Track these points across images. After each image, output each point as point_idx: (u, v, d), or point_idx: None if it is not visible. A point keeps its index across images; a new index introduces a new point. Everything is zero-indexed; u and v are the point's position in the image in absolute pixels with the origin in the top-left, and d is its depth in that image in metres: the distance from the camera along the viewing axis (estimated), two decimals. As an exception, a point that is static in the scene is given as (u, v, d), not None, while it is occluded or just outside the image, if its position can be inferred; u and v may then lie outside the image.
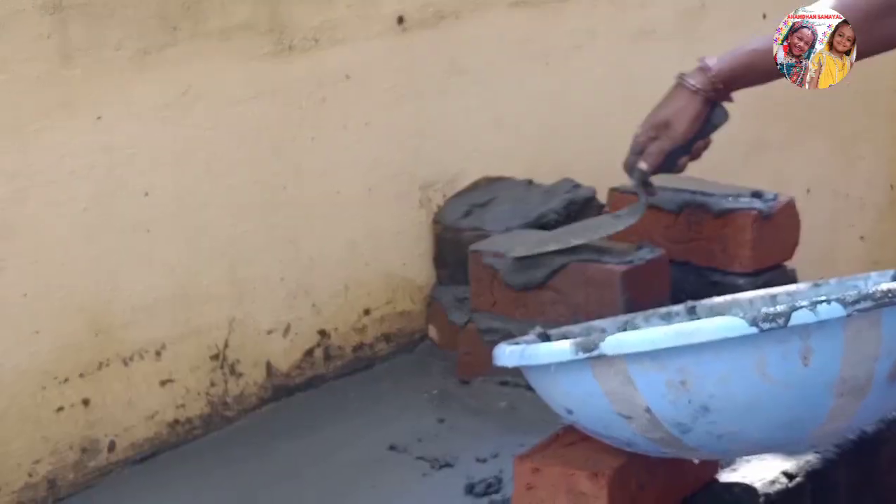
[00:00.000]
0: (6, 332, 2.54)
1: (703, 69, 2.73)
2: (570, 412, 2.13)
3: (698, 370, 1.96)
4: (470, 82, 3.28)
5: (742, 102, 3.94)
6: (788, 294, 2.45)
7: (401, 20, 3.13)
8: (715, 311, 2.44)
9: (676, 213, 3.06)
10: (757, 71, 2.71)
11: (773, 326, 1.92)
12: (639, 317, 2.47)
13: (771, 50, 2.52)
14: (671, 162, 2.81)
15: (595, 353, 2.00)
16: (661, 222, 3.07)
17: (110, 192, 2.66)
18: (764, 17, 3.85)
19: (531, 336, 2.33)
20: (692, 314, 2.45)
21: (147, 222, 2.72)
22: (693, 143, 2.78)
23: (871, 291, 1.94)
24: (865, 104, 4.47)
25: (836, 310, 1.93)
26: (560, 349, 2.05)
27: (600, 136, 3.60)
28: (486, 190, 3.26)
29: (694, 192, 3.06)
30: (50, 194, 2.57)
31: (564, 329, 2.41)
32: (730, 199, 3.02)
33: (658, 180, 3.14)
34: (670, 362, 1.97)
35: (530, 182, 3.27)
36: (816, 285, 2.43)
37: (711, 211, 3.02)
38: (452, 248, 3.16)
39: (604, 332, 2.40)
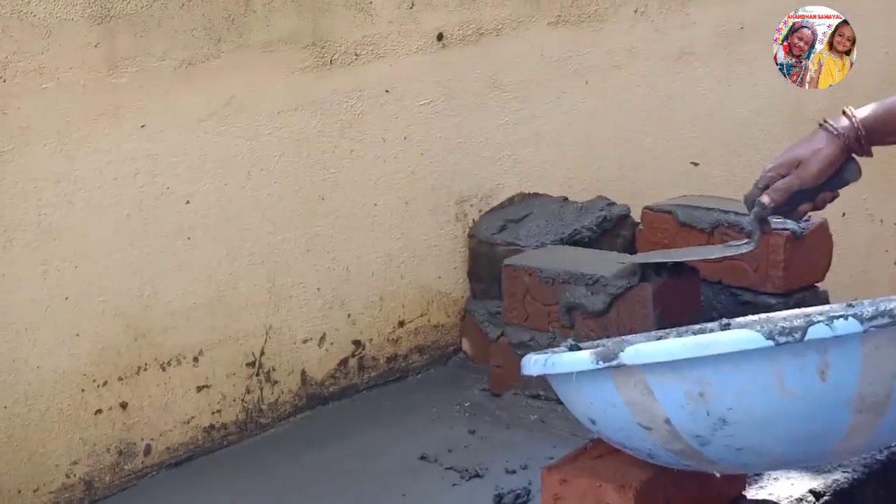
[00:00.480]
0: (48, 334, 2.59)
1: (849, 115, 2.56)
2: (593, 422, 2.15)
3: (717, 382, 1.97)
4: (508, 99, 3.31)
5: (779, 126, 3.97)
6: (821, 314, 2.45)
7: (441, 37, 3.17)
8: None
9: (709, 232, 3.08)
10: None
11: (790, 340, 1.92)
12: (672, 334, 2.47)
13: None
14: (794, 204, 2.63)
15: (615, 362, 2.01)
16: (694, 241, 3.09)
17: (153, 199, 2.70)
18: (802, 40, 3.87)
19: (562, 348, 2.34)
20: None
21: (188, 229, 2.76)
22: (820, 191, 2.62)
23: (889, 308, 1.94)
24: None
25: (852, 325, 1.92)
26: (581, 358, 2.06)
27: (636, 155, 3.63)
28: (522, 206, 3.29)
29: (726, 212, 3.08)
30: (94, 199, 2.62)
31: (598, 343, 2.42)
32: None
33: (688, 200, 3.17)
34: (689, 373, 1.97)
35: (565, 199, 3.30)
36: (850, 306, 2.42)
37: (744, 230, 3.03)
38: (487, 263, 3.19)
39: None
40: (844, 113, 2.56)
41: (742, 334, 1.95)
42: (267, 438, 2.90)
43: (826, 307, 2.55)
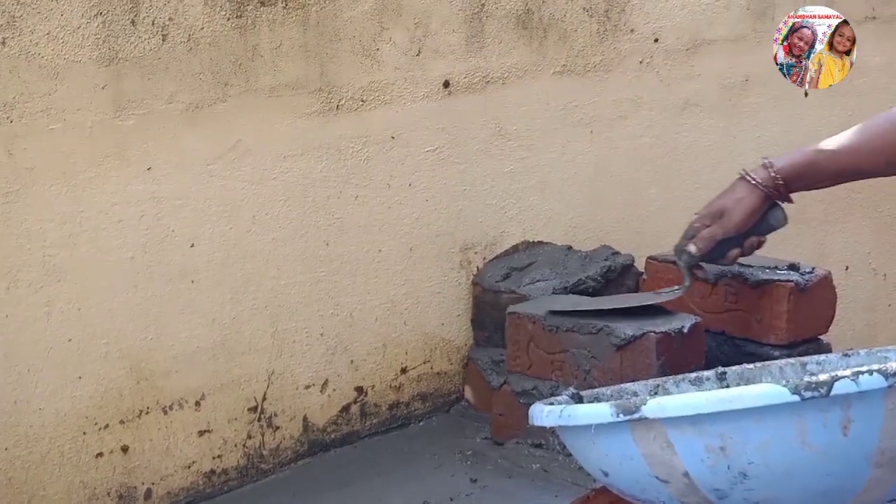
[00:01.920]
0: (50, 375, 2.58)
1: (766, 166, 2.74)
2: (605, 474, 2.14)
3: (738, 436, 1.97)
4: (513, 147, 3.32)
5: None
6: (818, 363, 2.46)
7: (447, 84, 3.18)
8: (745, 378, 2.46)
9: (713, 283, 3.08)
10: (820, 171, 2.72)
11: (815, 395, 1.92)
12: (669, 381, 2.48)
13: (839, 152, 2.52)
14: (721, 252, 2.82)
15: (636, 416, 2.00)
16: (698, 291, 3.08)
17: (157, 242, 2.70)
18: (806, 94, 3.88)
19: (563, 397, 2.34)
20: (722, 380, 2.46)
21: (192, 272, 2.76)
22: (746, 238, 2.80)
23: None
24: (906, 184, 4.49)
25: (877, 381, 1.93)
26: (600, 411, 2.06)
27: (641, 205, 3.63)
28: (526, 254, 3.29)
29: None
30: (98, 241, 2.62)
31: (597, 391, 2.42)
32: (766, 270, 3.03)
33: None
34: (711, 427, 1.97)
35: (569, 248, 3.29)
36: (846, 355, 2.43)
37: (748, 282, 3.03)
38: (490, 310, 3.18)
39: (635, 394, 2.41)
40: (763, 163, 2.71)
41: (767, 389, 1.95)
42: (268, 484, 2.89)
43: (822, 356, 2.55)
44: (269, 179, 2.87)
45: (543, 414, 2.17)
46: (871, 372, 1.93)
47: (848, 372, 1.94)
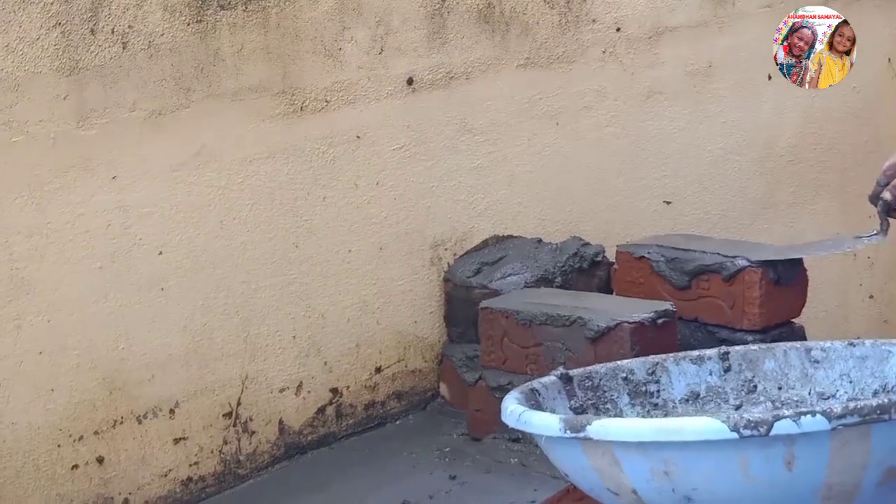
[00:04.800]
0: (22, 389, 2.56)
1: None
2: (567, 475, 2.14)
3: (682, 464, 1.95)
4: (480, 142, 3.32)
5: (751, 162, 3.98)
6: (823, 350, 2.42)
7: (411, 81, 3.17)
8: (748, 359, 2.43)
9: (685, 287, 3.09)
10: None
11: (754, 434, 1.89)
12: (669, 359, 2.44)
13: None
14: None
15: (581, 434, 1.99)
16: (668, 288, 3.09)
17: (125, 251, 2.69)
18: (770, 77, 3.89)
19: (552, 378, 2.32)
20: (724, 360, 2.44)
21: (161, 280, 2.74)
22: None
23: (859, 406, 1.89)
24: (873, 165, 4.50)
25: (819, 423, 1.88)
26: (550, 423, 2.04)
27: (609, 194, 3.63)
28: (496, 248, 3.28)
29: (704, 263, 3.07)
30: (66, 252, 2.60)
31: (590, 369, 2.39)
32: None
33: (662, 240, 3.18)
34: (655, 453, 1.95)
35: (539, 240, 3.29)
36: (851, 345, 2.40)
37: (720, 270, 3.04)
38: (463, 306, 3.18)
39: (632, 372, 2.39)
40: None
41: (707, 424, 1.92)
42: (245, 489, 2.88)
43: (827, 343, 2.46)
44: (236, 184, 2.86)
45: (507, 411, 2.16)
46: (813, 413, 1.89)
47: (790, 412, 1.89)
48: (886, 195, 2.74)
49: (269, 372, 2.93)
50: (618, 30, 3.61)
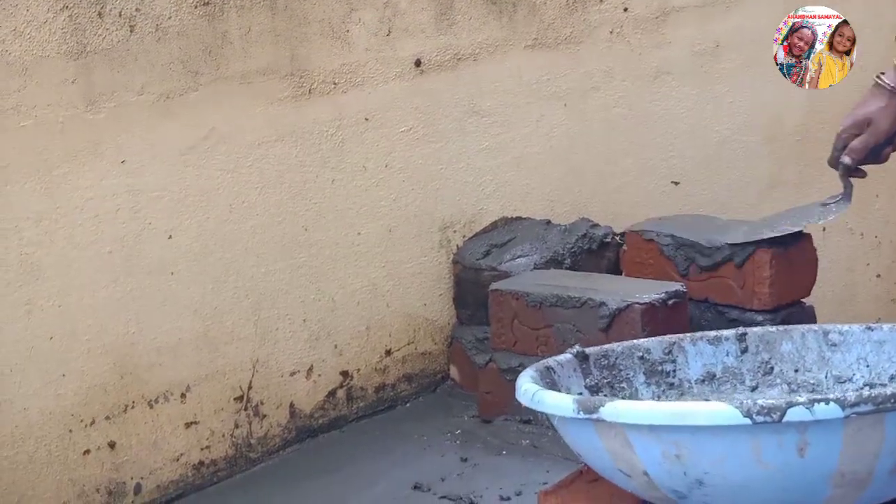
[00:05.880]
0: (34, 374, 2.56)
1: None
2: (580, 455, 2.14)
3: (694, 448, 1.94)
4: (488, 123, 3.31)
5: (758, 142, 3.97)
6: (840, 333, 2.41)
7: (419, 63, 3.16)
8: (766, 341, 2.42)
9: (684, 272, 3.09)
10: None
11: (767, 420, 1.88)
12: (686, 339, 2.43)
13: None
14: (875, 155, 2.87)
15: (594, 416, 1.99)
16: (675, 270, 3.09)
17: (135, 235, 2.68)
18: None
19: (567, 356, 2.31)
20: (741, 341, 2.42)
21: (171, 264, 2.74)
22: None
23: (873, 394, 1.88)
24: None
25: (833, 410, 1.87)
26: (563, 403, 2.03)
27: (617, 175, 3.62)
28: (505, 230, 3.27)
29: (707, 247, 3.07)
30: (76, 237, 2.60)
31: (606, 348, 2.38)
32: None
33: (670, 221, 3.17)
34: (667, 436, 1.94)
35: (548, 222, 3.28)
36: (869, 329, 2.39)
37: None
38: (472, 288, 3.17)
39: (648, 351, 2.38)
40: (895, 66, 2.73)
41: (720, 409, 1.91)
42: (257, 473, 2.88)
43: (845, 326, 2.44)
44: (245, 167, 2.85)
45: (521, 390, 2.15)
46: (827, 401, 1.87)
47: (803, 399, 1.88)
48: (846, 159, 2.85)
49: (279, 355, 2.93)
50: (625, 10, 3.60)
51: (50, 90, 2.55)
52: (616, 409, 1.97)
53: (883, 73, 2.80)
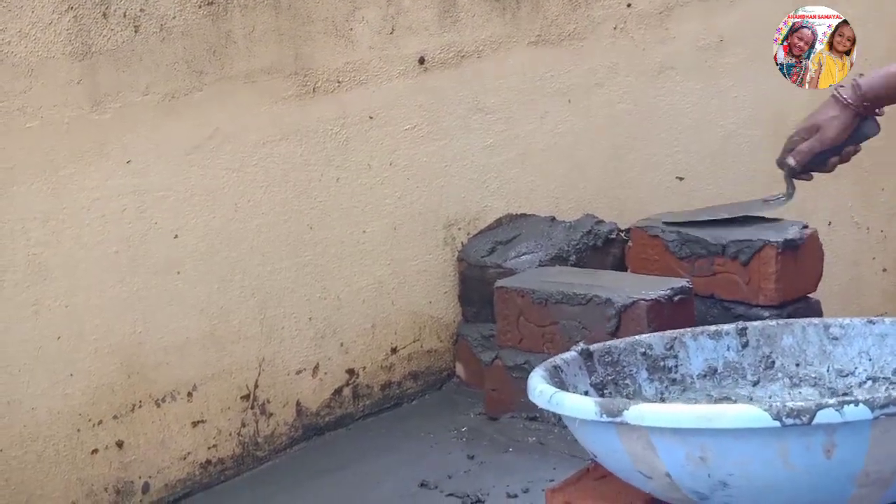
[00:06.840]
0: (41, 374, 2.57)
1: (855, 86, 2.88)
2: (595, 456, 2.13)
3: (718, 450, 1.93)
4: (492, 120, 3.31)
5: (763, 137, 3.97)
6: (842, 327, 2.41)
7: (422, 61, 3.16)
8: (766, 335, 2.42)
9: (691, 262, 3.09)
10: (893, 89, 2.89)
11: (797, 423, 1.88)
12: (687, 334, 2.43)
13: None
14: (820, 162, 3.00)
15: (618, 419, 1.98)
16: (682, 266, 3.09)
17: (141, 235, 2.69)
18: (781, 51, 3.87)
19: (572, 353, 2.31)
20: (742, 335, 2.43)
21: (177, 263, 2.74)
22: (843, 148, 2.97)
23: None
24: (886, 138, 4.49)
25: (863, 412, 1.88)
26: (585, 406, 2.03)
27: (621, 171, 3.63)
28: (510, 227, 3.28)
29: (713, 243, 3.07)
30: (82, 237, 2.60)
31: (609, 344, 2.38)
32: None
33: (676, 217, 3.18)
34: (692, 438, 1.93)
35: (553, 218, 3.29)
36: (871, 322, 2.39)
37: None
38: (477, 285, 3.18)
39: (650, 347, 2.38)
40: (853, 83, 2.86)
41: (748, 412, 1.90)
42: (264, 471, 2.88)
43: (846, 320, 2.44)
44: (250, 166, 2.85)
45: (536, 392, 2.14)
46: (856, 402, 1.88)
47: (833, 401, 1.88)
48: (790, 161, 3.01)
49: (285, 354, 2.93)
50: (629, 6, 3.60)
51: (55, 91, 2.56)
52: (640, 413, 1.96)
53: (842, 86, 2.91)
